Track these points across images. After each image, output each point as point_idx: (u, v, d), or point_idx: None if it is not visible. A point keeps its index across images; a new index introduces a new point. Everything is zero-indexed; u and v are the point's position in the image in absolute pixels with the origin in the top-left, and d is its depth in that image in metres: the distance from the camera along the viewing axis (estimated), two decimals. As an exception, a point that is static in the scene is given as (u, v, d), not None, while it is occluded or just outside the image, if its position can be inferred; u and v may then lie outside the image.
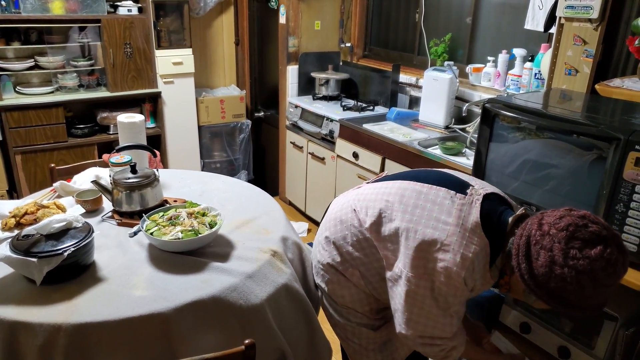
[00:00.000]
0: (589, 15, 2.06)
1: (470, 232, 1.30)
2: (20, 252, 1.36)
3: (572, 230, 1.13)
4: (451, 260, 1.29)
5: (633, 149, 1.50)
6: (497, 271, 1.34)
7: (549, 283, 1.15)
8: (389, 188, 1.47)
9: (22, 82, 3.73)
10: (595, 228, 1.14)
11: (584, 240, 1.12)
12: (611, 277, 1.12)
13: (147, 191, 1.78)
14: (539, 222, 1.20)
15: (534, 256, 1.17)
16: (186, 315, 1.35)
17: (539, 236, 1.17)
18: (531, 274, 1.17)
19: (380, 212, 1.43)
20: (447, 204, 1.34)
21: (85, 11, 3.62)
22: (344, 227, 1.53)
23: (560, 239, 1.14)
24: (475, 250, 1.29)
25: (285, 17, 3.91)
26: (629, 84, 1.82)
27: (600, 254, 1.11)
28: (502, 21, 3.04)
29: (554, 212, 1.21)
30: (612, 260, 1.12)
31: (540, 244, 1.16)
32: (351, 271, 1.53)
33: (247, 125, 4.69)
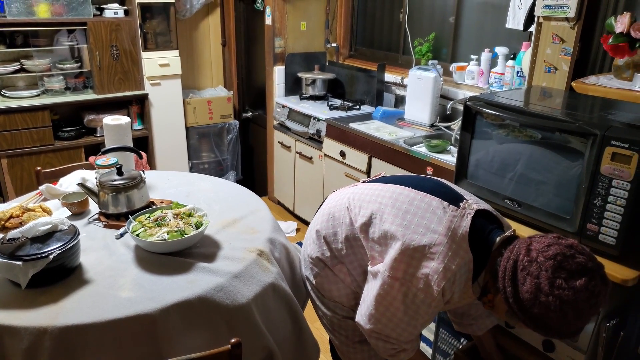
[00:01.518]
0: (566, 15, 2.10)
1: (457, 245, 1.31)
2: (5, 255, 1.37)
3: (559, 260, 1.16)
4: (434, 269, 1.31)
5: (609, 144, 1.53)
6: (479, 288, 1.36)
7: (533, 309, 1.18)
8: (384, 191, 1.49)
9: (7, 86, 3.71)
10: (582, 259, 1.17)
11: (570, 271, 1.15)
12: (593, 307, 1.17)
13: (133, 193, 1.79)
14: (527, 247, 1.22)
15: (520, 281, 1.20)
16: (173, 315, 1.36)
17: (527, 262, 1.20)
18: (516, 298, 1.20)
19: (372, 214, 1.45)
20: (439, 213, 1.36)
21: (71, 14, 3.61)
22: (335, 223, 1.55)
23: (547, 267, 1.16)
24: (459, 263, 1.30)
25: (271, 19, 3.93)
26: (604, 81, 1.86)
27: (585, 285, 1.14)
28: (485, 20, 3.08)
29: (542, 238, 1.24)
30: (596, 292, 1.15)
31: (527, 269, 1.19)
32: (339, 267, 1.55)
33: (234, 126, 4.70)
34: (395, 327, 1.40)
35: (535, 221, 1.81)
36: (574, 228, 1.67)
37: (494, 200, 1.93)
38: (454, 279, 1.31)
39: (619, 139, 1.50)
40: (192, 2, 4.32)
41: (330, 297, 1.60)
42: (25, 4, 3.44)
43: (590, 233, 1.62)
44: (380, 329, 1.41)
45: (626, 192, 1.51)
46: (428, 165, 2.64)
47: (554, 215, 1.74)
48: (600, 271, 1.18)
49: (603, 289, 1.17)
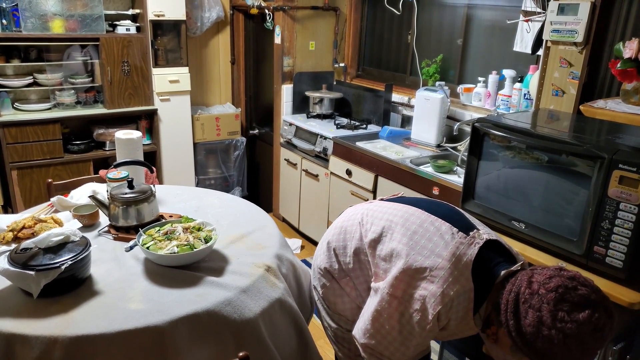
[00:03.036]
0: (574, 39, 2.14)
1: (459, 272, 1.30)
2: (18, 265, 1.38)
3: (561, 292, 1.14)
4: (432, 292, 1.30)
5: (617, 167, 1.55)
6: (481, 320, 1.35)
7: (536, 342, 1.15)
8: (396, 210, 1.50)
9: (20, 99, 3.76)
10: (585, 291, 1.15)
11: (572, 304, 1.13)
12: (598, 341, 1.14)
13: (143, 206, 1.81)
14: (529, 279, 1.21)
15: (522, 314, 1.18)
16: (181, 328, 1.37)
17: (528, 294, 1.18)
18: (519, 331, 1.18)
19: (382, 231, 1.46)
20: (447, 238, 1.36)
21: (84, 30, 3.67)
22: (346, 237, 1.57)
23: (549, 300, 1.14)
24: (458, 290, 1.29)
25: (280, 38, 3.99)
26: (611, 105, 1.88)
27: (588, 318, 1.12)
28: (492, 43, 3.12)
29: (544, 270, 1.22)
30: (600, 325, 1.13)
31: (529, 302, 1.17)
32: (346, 280, 1.55)
33: (241, 143, 4.74)
34: (389, 345, 1.39)
35: (541, 243, 1.82)
36: (581, 250, 1.67)
37: (500, 221, 1.94)
38: (450, 305, 1.30)
39: (626, 162, 1.52)
40: (202, 20, 4.39)
41: (335, 310, 1.60)
42: (40, 20, 3.51)
43: (597, 256, 1.63)
44: (374, 345, 1.41)
45: (634, 215, 1.52)
46: (434, 186, 2.65)
47: (560, 237, 1.75)
48: (604, 303, 1.16)
49: (608, 322, 1.14)
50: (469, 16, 3.23)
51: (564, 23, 2.18)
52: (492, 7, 3.08)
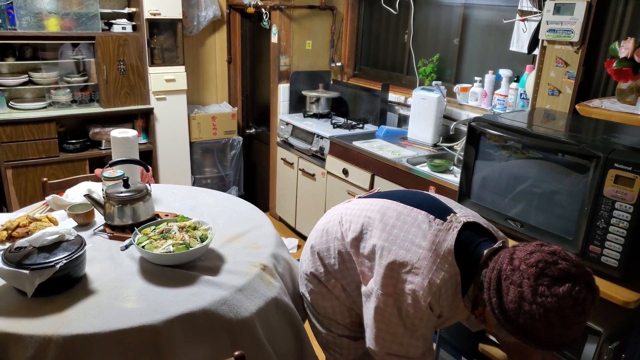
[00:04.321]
0: (570, 39, 2.14)
1: (441, 259, 1.31)
2: (12, 264, 1.38)
3: (541, 267, 1.14)
4: (419, 284, 1.31)
5: (612, 166, 1.55)
6: (470, 302, 1.36)
7: (518, 319, 1.15)
8: (373, 205, 1.50)
9: (15, 97, 3.75)
10: (565, 265, 1.14)
11: (552, 278, 1.13)
12: (580, 315, 1.13)
13: (139, 205, 1.80)
14: (510, 256, 1.21)
15: (504, 291, 1.18)
16: (176, 327, 1.36)
17: (509, 271, 1.18)
18: (501, 308, 1.18)
19: (362, 229, 1.46)
20: (424, 227, 1.36)
21: (80, 28, 3.66)
22: (329, 238, 1.56)
23: (529, 275, 1.14)
24: (444, 277, 1.30)
25: (277, 37, 3.98)
26: (607, 104, 1.89)
27: (568, 292, 1.11)
28: (489, 42, 3.12)
29: (525, 246, 1.22)
30: (581, 299, 1.12)
31: (510, 279, 1.17)
32: (333, 283, 1.55)
33: (238, 142, 4.73)
34: (401, 343, 1.39)
35: (538, 242, 1.82)
36: (577, 249, 1.67)
37: (496, 220, 1.94)
38: (439, 294, 1.30)
39: (622, 161, 1.52)
40: (199, 19, 4.38)
41: (325, 314, 1.60)
42: (35, 18, 3.49)
43: (593, 255, 1.63)
44: (389, 347, 1.41)
45: (629, 214, 1.52)
46: (430, 185, 2.66)
47: (556, 236, 1.75)
48: (585, 277, 1.15)
49: (589, 295, 1.14)
50: (465, 16, 3.23)
51: (560, 23, 2.18)
52: (489, 7, 3.08)
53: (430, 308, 1.32)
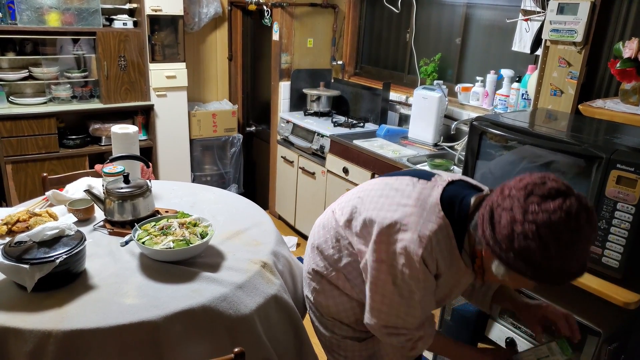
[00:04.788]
0: (573, 39, 2.13)
1: (428, 212, 1.29)
2: (13, 258, 1.37)
3: (530, 188, 1.12)
4: (409, 239, 1.28)
5: (615, 167, 1.55)
6: (468, 256, 1.32)
7: (513, 244, 1.11)
8: (361, 187, 1.53)
9: (15, 92, 3.74)
10: (554, 184, 1.12)
11: (542, 196, 1.10)
12: (575, 233, 1.08)
13: (139, 201, 1.80)
14: (501, 189, 1.19)
15: (497, 220, 1.15)
16: (176, 323, 1.36)
17: (500, 200, 1.16)
18: (495, 238, 1.15)
19: (352, 209, 1.46)
20: (409, 189, 1.36)
21: (81, 24, 3.65)
22: (325, 231, 1.56)
23: (519, 197, 1.12)
24: (433, 228, 1.27)
25: (278, 34, 3.97)
26: (610, 105, 1.88)
27: (559, 206, 1.08)
28: (491, 42, 3.12)
29: (516, 178, 1.20)
30: (573, 213, 1.08)
31: (502, 206, 1.14)
32: (335, 275, 1.53)
33: (238, 139, 4.72)
34: (397, 313, 1.37)
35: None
36: (578, 250, 1.67)
37: (498, 219, 1.93)
38: (431, 247, 1.27)
39: (624, 162, 1.52)
40: (200, 15, 4.37)
41: (328, 314, 1.59)
42: (36, 13, 3.48)
43: (594, 255, 1.63)
44: (385, 319, 1.39)
45: (631, 215, 1.52)
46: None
47: (557, 237, 1.74)
48: (577, 194, 1.11)
49: (583, 212, 1.09)
50: (467, 15, 3.22)
51: (563, 23, 2.18)
52: (491, 7, 3.07)
53: (424, 263, 1.29)
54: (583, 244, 1.11)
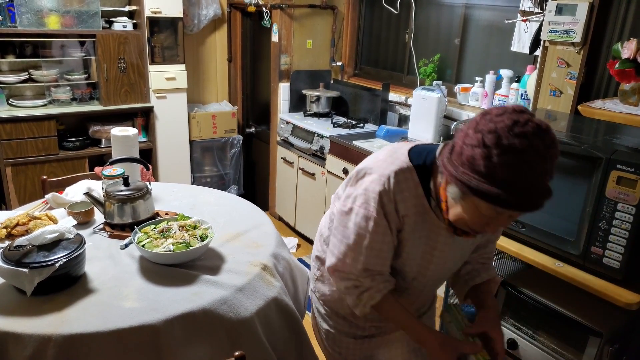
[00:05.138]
0: (572, 40, 2.13)
1: (394, 157, 1.30)
2: (12, 262, 1.37)
3: (486, 111, 1.13)
4: (370, 180, 1.28)
5: (615, 168, 1.55)
6: (439, 207, 1.29)
7: (462, 156, 1.11)
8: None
9: (15, 95, 3.74)
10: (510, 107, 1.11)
11: (496, 114, 1.10)
12: (519, 138, 1.04)
13: (139, 204, 1.80)
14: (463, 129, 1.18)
15: (453, 142, 1.17)
16: (176, 327, 1.36)
17: (459, 130, 1.17)
18: (450, 159, 1.15)
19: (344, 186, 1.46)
20: (389, 149, 1.37)
21: (80, 26, 3.65)
22: (326, 217, 1.57)
23: (473, 119, 1.13)
24: (394, 168, 1.27)
25: (277, 36, 3.97)
26: (609, 105, 1.88)
27: (508, 116, 1.07)
28: (490, 43, 3.12)
29: None
30: (522, 122, 1.05)
31: (457, 135, 1.16)
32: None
33: (238, 141, 4.72)
34: (345, 256, 1.33)
35: (539, 243, 1.81)
36: (578, 251, 1.67)
37: (498, 220, 1.93)
38: (389, 185, 1.26)
39: (624, 163, 1.52)
40: (199, 17, 4.37)
41: (326, 302, 1.57)
42: (36, 16, 3.48)
43: (595, 256, 1.63)
44: (335, 263, 1.36)
45: (631, 216, 1.52)
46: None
47: (557, 238, 1.75)
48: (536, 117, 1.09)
49: (531, 122, 1.06)
50: (466, 16, 3.22)
51: (562, 23, 2.18)
52: (490, 7, 3.07)
53: (381, 203, 1.26)
54: (529, 156, 1.05)
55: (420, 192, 1.28)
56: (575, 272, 1.69)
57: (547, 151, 1.07)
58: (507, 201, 1.07)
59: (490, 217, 1.16)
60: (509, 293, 1.91)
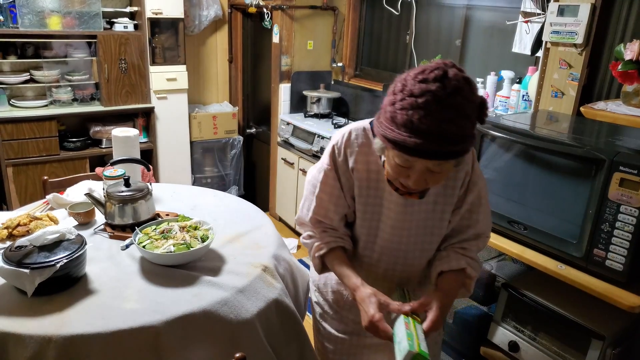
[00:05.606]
0: (574, 41, 2.13)
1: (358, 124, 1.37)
2: (13, 263, 1.36)
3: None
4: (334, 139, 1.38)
5: (617, 170, 1.54)
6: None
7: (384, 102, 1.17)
8: None
9: (16, 95, 3.73)
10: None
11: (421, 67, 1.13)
12: (418, 84, 1.08)
13: (140, 204, 1.79)
14: None
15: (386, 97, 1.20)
16: (177, 328, 1.35)
17: None
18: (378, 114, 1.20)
19: None
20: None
21: (82, 27, 3.65)
22: None
23: None
24: (351, 127, 1.35)
25: (278, 37, 3.97)
26: (612, 107, 1.88)
27: (424, 66, 1.12)
28: (491, 44, 3.11)
29: None
30: (429, 69, 1.09)
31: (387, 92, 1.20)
32: None
33: (238, 141, 4.72)
34: (304, 206, 1.44)
35: (541, 245, 1.81)
36: (581, 253, 1.66)
37: (499, 222, 1.93)
38: (347, 139, 1.34)
39: (627, 164, 1.51)
40: (200, 18, 4.37)
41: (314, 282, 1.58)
42: (37, 16, 3.48)
43: (597, 258, 1.62)
44: (298, 215, 1.47)
45: (634, 218, 1.51)
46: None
47: (560, 240, 1.74)
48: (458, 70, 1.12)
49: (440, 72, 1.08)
50: (467, 17, 3.22)
51: (564, 24, 2.17)
52: (491, 8, 3.07)
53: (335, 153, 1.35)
54: (426, 101, 1.06)
55: (373, 151, 1.32)
56: (578, 274, 1.68)
57: (449, 98, 1.07)
58: (405, 146, 1.09)
59: (408, 169, 1.18)
60: (510, 295, 1.91)
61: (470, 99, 1.11)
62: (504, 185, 1.95)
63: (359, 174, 1.35)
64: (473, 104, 1.12)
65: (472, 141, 1.14)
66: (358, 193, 1.37)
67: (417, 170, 1.17)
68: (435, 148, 1.08)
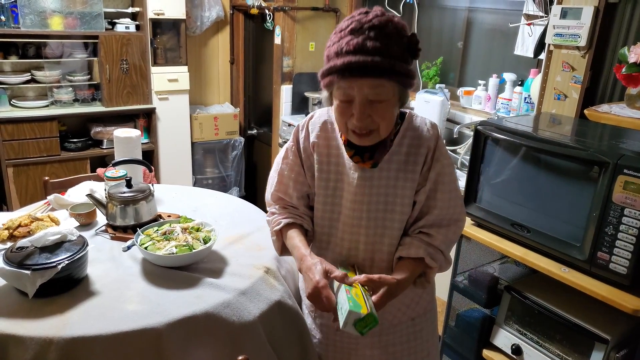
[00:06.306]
0: (577, 43, 2.12)
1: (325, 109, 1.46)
2: (14, 264, 1.36)
3: None
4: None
5: (622, 172, 1.54)
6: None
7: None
8: None
9: (17, 96, 3.73)
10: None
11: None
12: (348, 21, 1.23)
13: (141, 205, 1.79)
14: None
15: None
16: (179, 330, 1.34)
17: None
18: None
19: None
20: None
21: (83, 27, 3.65)
22: None
23: None
24: (315, 111, 1.44)
25: (280, 38, 3.97)
26: (616, 109, 1.87)
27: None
28: (493, 46, 3.11)
29: None
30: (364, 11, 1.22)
31: None
32: None
33: (240, 143, 4.72)
34: (268, 184, 1.51)
35: (544, 248, 1.80)
36: (584, 256, 1.66)
37: (502, 225, 1.92)
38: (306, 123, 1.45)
39: (631, 167, 1.51)
40: (202, 19, 4.37)
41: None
42: (39, 17, 3.48)
43: (601, 262, 1.61)
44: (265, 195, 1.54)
45: (638, 221, 1.51)
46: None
47: (563, 243, 1.73)
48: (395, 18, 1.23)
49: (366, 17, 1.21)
50: (469, 19, 3.21)
51: (567, 27, 2.17)
52: (493, 11, 3.06)
53: (297, 134, 1.44)
54: (348, 27, 1.21)
55: (335, 129, 1.41)
56: (581, 277, 1.68)
57: (372, 20, 1.19)
58: (336, 68, 1.20)
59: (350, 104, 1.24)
60: (513, 298, 1.90)
61: (395, 26, 1.20)
62: (507, 188, 1.94)
63: (319, 149, 1.41)
64: (398, 30, 1.21)
65: (406, 70, 1.21)
66: (319, 168, 1.42)
67: (358, 102, 1.23)
68: (361, 61, 1.16)
